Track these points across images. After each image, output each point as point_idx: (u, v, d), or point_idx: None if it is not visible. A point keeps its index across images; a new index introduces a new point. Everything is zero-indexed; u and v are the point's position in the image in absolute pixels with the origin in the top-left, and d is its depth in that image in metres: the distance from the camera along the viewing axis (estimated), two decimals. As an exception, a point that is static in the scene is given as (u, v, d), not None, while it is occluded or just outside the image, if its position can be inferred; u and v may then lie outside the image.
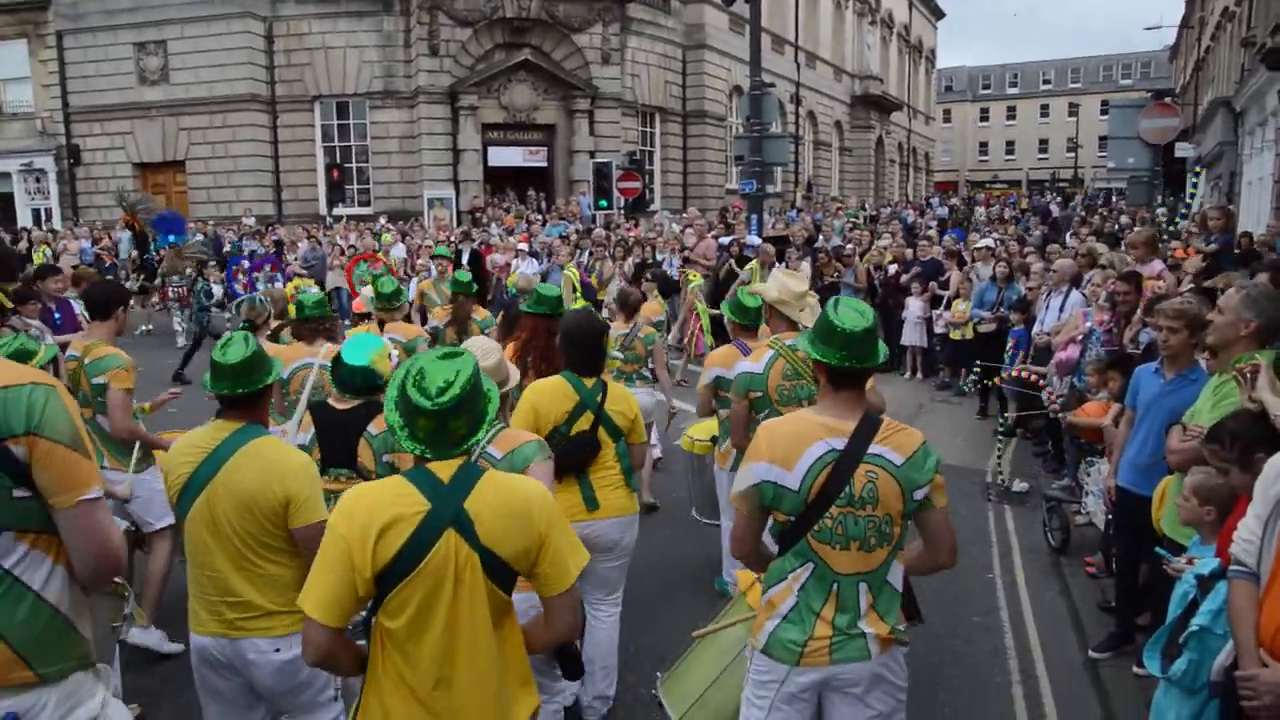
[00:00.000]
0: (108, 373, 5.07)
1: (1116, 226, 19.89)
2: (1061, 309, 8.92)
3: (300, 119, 26.92)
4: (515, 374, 3.86)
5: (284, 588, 3.17)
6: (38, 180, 28.87)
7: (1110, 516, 5.46)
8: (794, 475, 2.81)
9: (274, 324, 7.08)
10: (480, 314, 8.43)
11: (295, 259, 19.20)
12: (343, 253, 20.06)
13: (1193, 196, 11.55)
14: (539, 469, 3.53)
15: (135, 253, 17.23)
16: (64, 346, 5.68)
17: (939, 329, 12.72)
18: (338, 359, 4.41)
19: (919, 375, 13.43)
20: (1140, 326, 6.70)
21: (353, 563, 2.39)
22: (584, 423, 4.33)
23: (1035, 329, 9.29)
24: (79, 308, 8.57)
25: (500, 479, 2.56)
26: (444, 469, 2.47)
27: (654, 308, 9.06)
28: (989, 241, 13.61)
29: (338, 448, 4.27)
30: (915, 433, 2.92)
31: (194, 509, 3.21)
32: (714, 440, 5.90)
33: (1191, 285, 6.79)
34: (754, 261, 13.37)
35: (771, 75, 35.09)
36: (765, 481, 2.85)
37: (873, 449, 2.82)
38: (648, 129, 30.92)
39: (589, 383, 4.39)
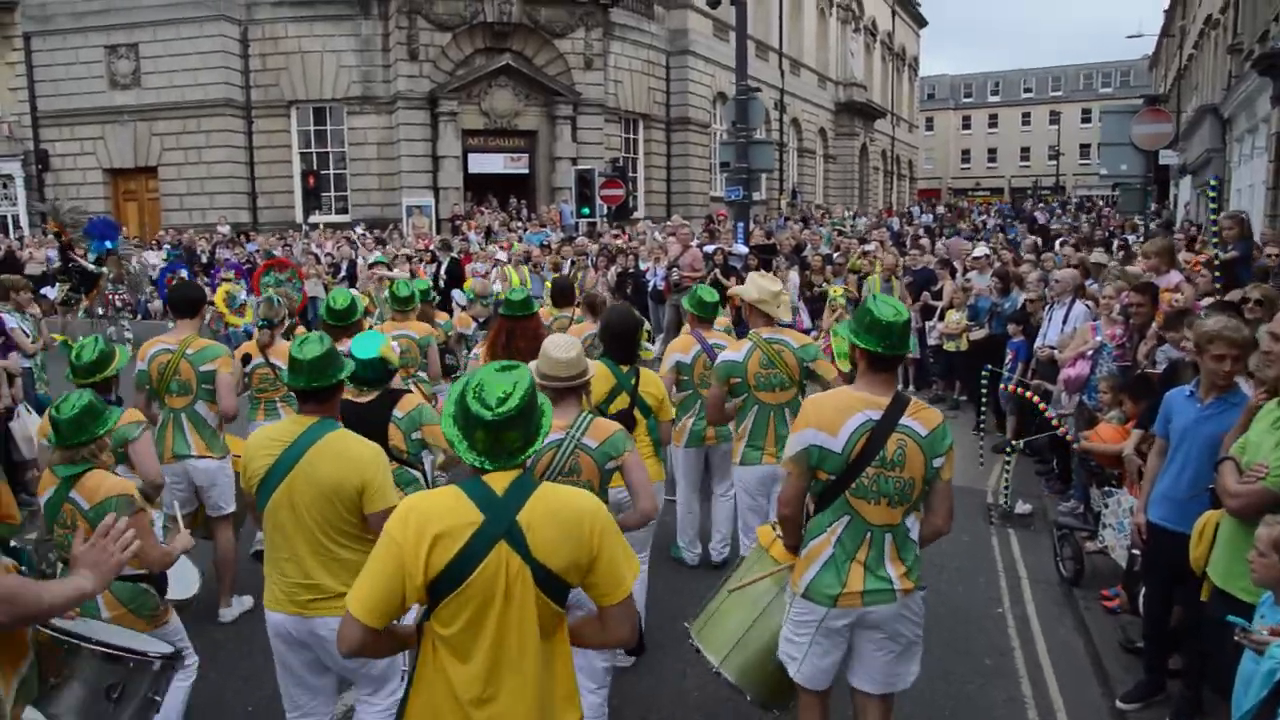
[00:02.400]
0: (216, 360, 5.64)
1: (1107, 234, 19.65)
2: (1065, 321, 8.52)
3: (276, 124, 26.30)
4: (592, 366, 4.15)
5: (355, 571, 3.22)
6: (4, 186, 28.07)
7: (1135, 552, 5.03)
8: (838, 440, 3.33)
9: (287, 324, 7.44)
10: (441, 316, 8.45)
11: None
12: (318, 261, 19.63)
13: (1215, 204, 11.01)
14: (631, 457, 3.97)
15: (59, 263, 16.52)
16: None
17: (932, 340, 12.33)
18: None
19: (911, 388, 13.01)
20: (1156, 342, 6.30)
21: (404, 569, 2.43)
22: (621, 402, 4.94)
23: (1037, 342, 8.89)
24: (11, 320, 8.06)
25: (554, 491, 2.58)
26: (499, 480, 2.50)
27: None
28: (984, 250, 13.21)
29: (367, 437, 4.40)
30: (936, 412, 3.49)
31: (274, 498, 3.44)
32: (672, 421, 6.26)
33: (1212, 299, 6.38)
34: (874, 276, 12.90)
35: (756, 82, 34.65)
36: (813, 445, 3.36)
37: (903, 420, 3.35)
38: (631, 135, 30.48)
39: (624, 368, 5.01)
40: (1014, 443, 8.89)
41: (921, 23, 60.76)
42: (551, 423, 2.66)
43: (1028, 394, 7.89)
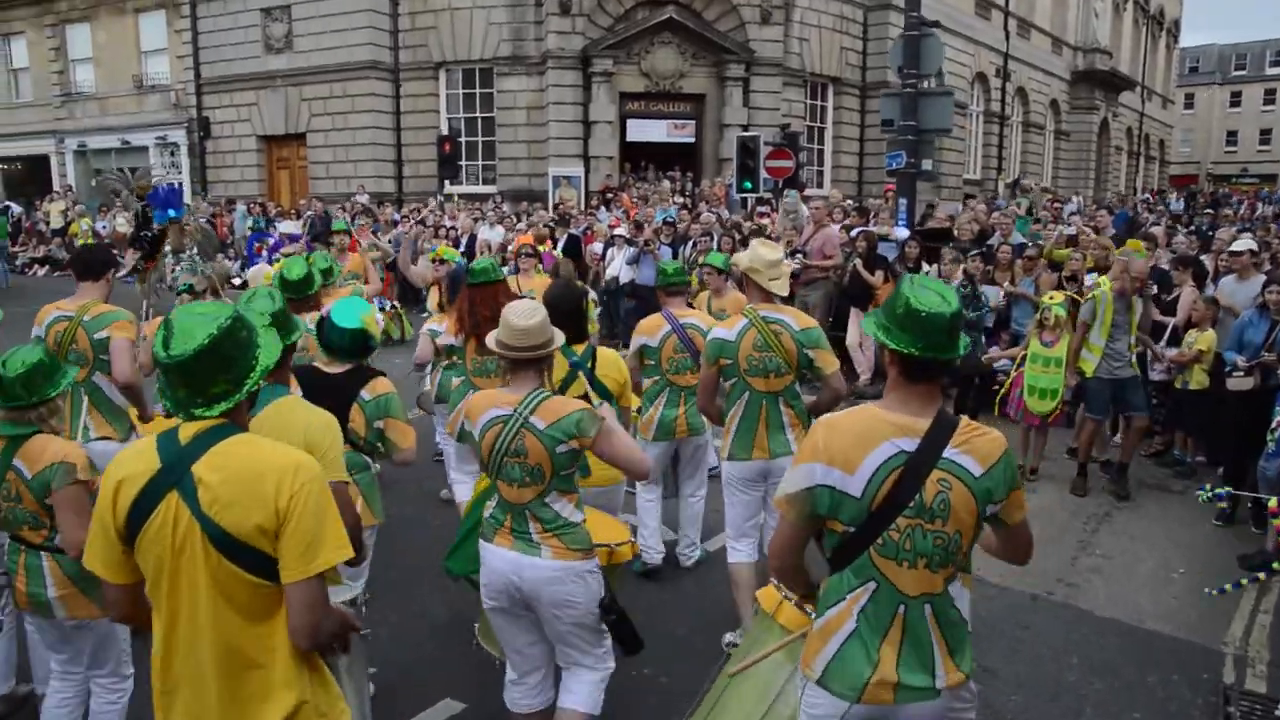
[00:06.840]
0: (110, 325, 5.09)
1: None
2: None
3: (424, 88, 24.44)
4: (560, 336, 3.72)
5: None
6: (172, 154, 28.01)
7: None
8: (856, 480, 2.51)
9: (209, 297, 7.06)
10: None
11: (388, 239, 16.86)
12: (435, 235, 17.65)
13: None
14: (604, 439, 3.47)
15: (131, 230, 15.08)
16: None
17: (1156, 373, 8.46)
18: (325, 321, 4.30)
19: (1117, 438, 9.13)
20: None
21: (103, 520, 2.37)
22: (578, 388, 4.48)
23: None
24: None
25: (246, 444, 2.34)
26: (190, 429, 2.34)
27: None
28: (1250, 243, 8.85)
29: (330, 411, 3.80)
30: (998, 437, 2.58)
31: None
32: (638, 410, 5.85)
33: None
34: (1103, 288, 7.61)
35: (976, 45, 30.30)
36: (821, 486, 2.53)
37: (948, 454, 2.51)
38: (818, 101, 26.76)
39: (578, 349, 4.69)
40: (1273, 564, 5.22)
41: (1186, -19, 53.06)
42: (272, 362, 2.42)
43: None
